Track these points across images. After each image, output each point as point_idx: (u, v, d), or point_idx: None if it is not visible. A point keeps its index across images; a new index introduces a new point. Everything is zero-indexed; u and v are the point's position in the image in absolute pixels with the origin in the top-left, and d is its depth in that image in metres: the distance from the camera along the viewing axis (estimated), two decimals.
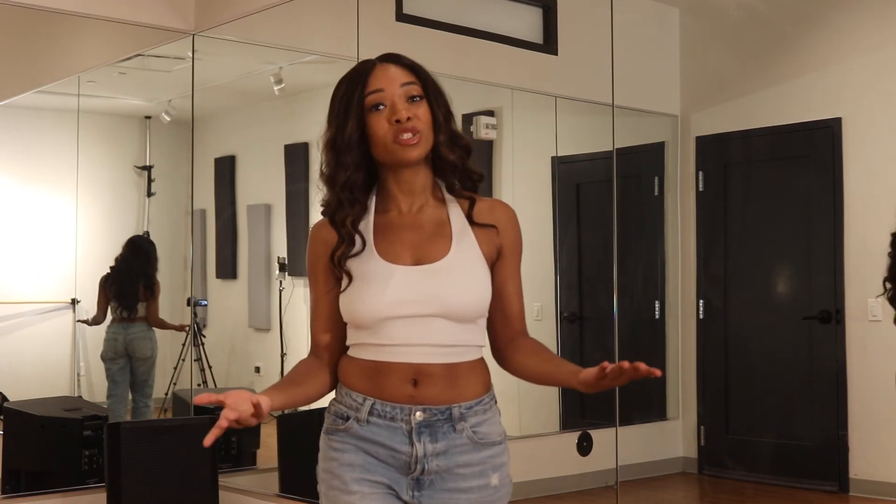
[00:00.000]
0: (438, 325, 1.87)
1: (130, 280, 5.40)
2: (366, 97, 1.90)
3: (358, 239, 1.91)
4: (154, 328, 5.45)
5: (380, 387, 1.89)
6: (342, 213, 1.92)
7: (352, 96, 1.92)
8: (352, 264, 1.90)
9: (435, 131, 1.91)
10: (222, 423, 1.70)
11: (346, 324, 1.94)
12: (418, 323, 1.87)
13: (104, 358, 5.32)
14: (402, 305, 1.86)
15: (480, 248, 1.94)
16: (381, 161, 1.93)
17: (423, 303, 1.87)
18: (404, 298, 1.87)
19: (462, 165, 1.94)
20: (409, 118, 1.87)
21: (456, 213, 1.95)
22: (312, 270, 1.97)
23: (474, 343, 1.93)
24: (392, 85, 1.90)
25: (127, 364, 5.35)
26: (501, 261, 1.97)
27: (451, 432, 1.89)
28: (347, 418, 1.91)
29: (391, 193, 1.95)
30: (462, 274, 1.90)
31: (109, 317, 5.35)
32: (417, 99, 1.91)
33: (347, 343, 1.95)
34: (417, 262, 1.90)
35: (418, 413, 1.87)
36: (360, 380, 1.91)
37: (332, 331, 1.96)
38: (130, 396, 5.41)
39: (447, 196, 1.97)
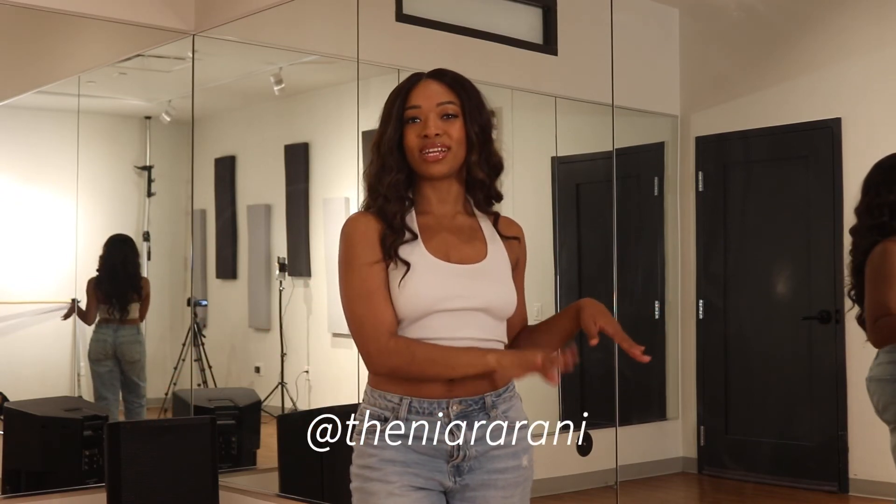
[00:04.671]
0: (479, 320, 2.04)
1: (118, 281, 5.38)
2: (405, 110, 2.07)
3: (410, 232, 2.05)
4: (142, 332, 5.43)
5: (415, 385, 2.02)
6: (391, 209, 2.05)
7: (394, 106, 2.09)
8: (403, 256, 2.03)
9: (467, 149, 2.07)
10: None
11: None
12: (461, 316, 2.02)
13: (91, 359, 5.30)
14: (451, 300, 2.01)
15: (507, 255, 2.13)
16: (415, 169, 2.08)
17: (468, 298, 2.02)
18: (451, 293, 2.02)
19: (489, 184, 2.12)
20: (437, 134, 2.04)
21: (486, 224, 2.14)
22: (364, 254, 2.03)
23: (502, 339, 2.11)
24: (429, 102, 2.06)
25: (116, 366, 5.34)
26: (515, 271, 2.15)
27: (486, 419, 2.05)
28: (386, 419, 2.04)
29: (427, 199, 2.11)
30: (500, 275, 2.09)
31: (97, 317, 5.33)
32: (452, 117, 2.06)
33: None
34: (459, 261, 2.07)
35: (455, 405, 2.02)
36: (394, 381, 2.04)
37: (392, 311, 2.02)
38: (121, 397, 5.40)
39: (474, 209, 2.15)
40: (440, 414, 2.02)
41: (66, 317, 5.26)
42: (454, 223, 2.11)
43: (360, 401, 2.14)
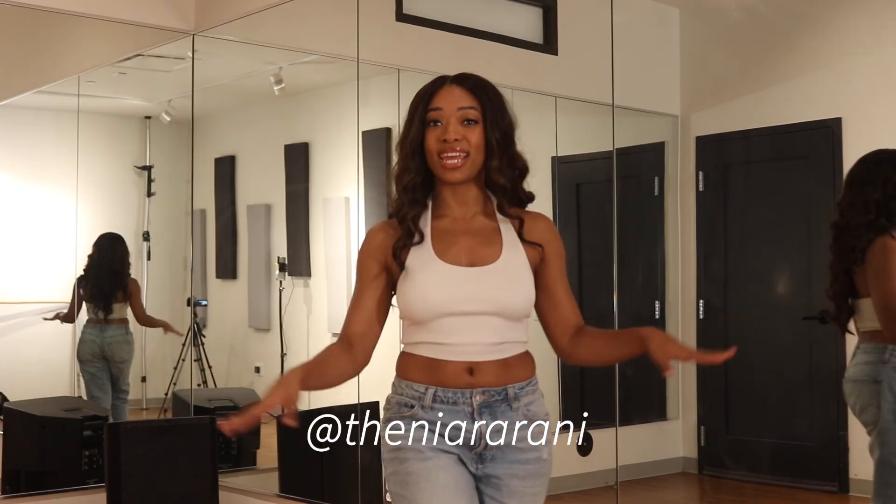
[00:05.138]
0: (492, 323, 2.07)
1: (102, 280, 5.37)
2: (427, 113, 2.11)
3: (417, 235, 2.10)
4: (132, 330, 5.41)
5: (439, 376, 2.08)
6: (404, 211, 2.11)
7: (417, 108, 2.13)
8: (412, 261, 2.08)
9: (487, 155, 2.11)
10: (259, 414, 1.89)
11: (383, 319, 2.16)
12: (472, 321, 2.06)
13: (80, 359, 5.29)
14: (459, 303, 2.05)
15: (527, 254, 2.13)
16: (433, 172, 2.13)
17: (477, 301, 2.05)
18: (460, 296, 2.05)
19: (512, 187, 2.15)
20: (456, 139, 2.07)
21: (506, 227, 2.15)
22: (363, 264, 2.16)
23: (520, 340, 2.13)
24: (450, 106, 2.10)
25: (105, 366, 5.33)
26: (547, 266, 2.16)
27: (509, 410, 2.09)
28: (412, 406, 2.09)
29: (446, 201, 2.15)
30: (512, 276, 2.10)
31: (85, 316, 5.32)
32: (472, 122, 2.10)
33: (403, 342, 2.15)
34: (471, 264, 2.09)
35: (478, 396, 2.07)
36: (418, 372, 2.10)
37: (367, 323, 2.13)
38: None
39: (496, 211, 2.17)
40: (463, 404, 2.06)
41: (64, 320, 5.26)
42: (472, 225, 2.14)
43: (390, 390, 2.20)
